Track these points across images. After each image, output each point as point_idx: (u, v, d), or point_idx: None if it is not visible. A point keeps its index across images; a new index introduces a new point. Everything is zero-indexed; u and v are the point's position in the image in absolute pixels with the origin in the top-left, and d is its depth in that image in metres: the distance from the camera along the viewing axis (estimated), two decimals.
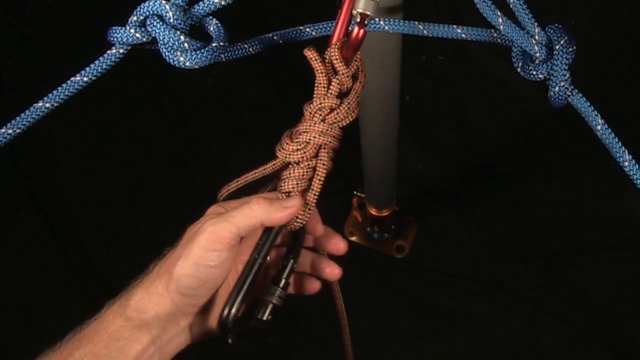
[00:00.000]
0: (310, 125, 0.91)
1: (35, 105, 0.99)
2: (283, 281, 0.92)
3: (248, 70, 2.53)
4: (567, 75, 0.97)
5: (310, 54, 0.91)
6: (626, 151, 1.01)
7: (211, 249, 0.85)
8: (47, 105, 0.99)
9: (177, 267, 0.84)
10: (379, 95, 1.45)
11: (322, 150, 0.92)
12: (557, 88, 0.98)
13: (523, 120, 2.46)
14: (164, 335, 0.87)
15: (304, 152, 0.91)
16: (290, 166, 0.93)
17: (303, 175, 0.92)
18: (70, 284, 2.23)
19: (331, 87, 0.91)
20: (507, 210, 2.33)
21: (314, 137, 0.91)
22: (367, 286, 2.23)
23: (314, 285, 1.02)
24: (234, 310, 0.86)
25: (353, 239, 2.28)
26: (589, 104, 1.00)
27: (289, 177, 0.92)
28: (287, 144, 0.92)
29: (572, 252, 2.26)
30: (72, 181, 2.43)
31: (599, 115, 1.00)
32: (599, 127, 1.00)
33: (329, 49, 0.91)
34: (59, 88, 0.99)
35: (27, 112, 1.00)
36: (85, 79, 0.99)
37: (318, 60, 0.91)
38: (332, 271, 1.00)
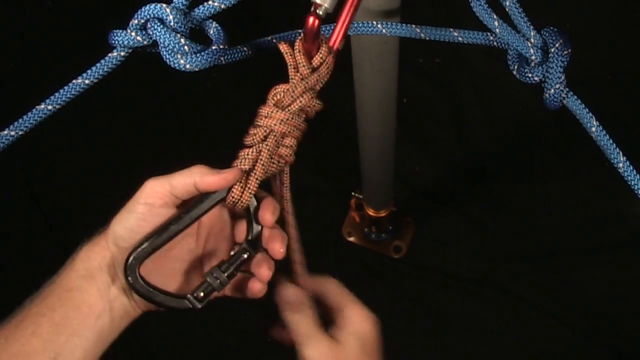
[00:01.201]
0: (268, 112, 0.94)
1: (37, 107, 1.00)
2: (229, 268, 0.91)
3: (247, 73, 2.53)
4: (562, 77, 0.97)
5: (282, 47, 0.93)
6: (620, 153, 1.01)
7: (142, 202, 0.88)
8: (50, 107, 0.99)
9: (114, 219, 0.88)
10: (377, 97, 1.45)
11: (272, 135, 0.93)
12: (552, 90, 0.98)
13: (519, 122, 2.46)
14: (110, 291, 0.88)
15: (255, 136, 0.93)
16: (246, 148, 0.94)
17: (249, 155, 0.94)
18: None
19: (293, 77, 0.94)
20: (503, 211, 2.33)
21: (266, 122, 0.94)
22: (365, 286, 2.23)
23: (253, 286, 0.94)
24: (134, 254, 0.86)
25: (351, 239, 2.29)
26: (583, 106, 1.00)
27: (241, 156, 0.94)
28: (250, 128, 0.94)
29: (568, 253, 2.26)
30: (72, 182, 2.43)
31: (593, 117, 1.00)
32: (593, 129, 1.00)
33: (294, 43, 0.93)
34: (61, 90, 0.99)
35: (29, 114, 1.00)
36: (87, 81, 0.99)
37: (288, 54, 0.93)
38: (261, 271, 0.92)
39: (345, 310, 0.91)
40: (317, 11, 0.88)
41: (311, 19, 0.88)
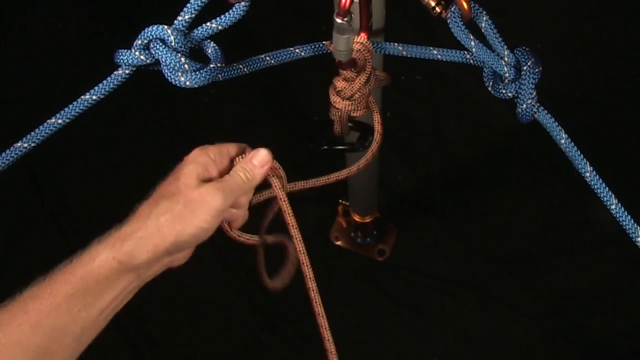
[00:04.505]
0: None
1: (48, 121, 1.00)
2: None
3: (243, 89, 2.53)
4: (534, 93, 0.98)
5: None
6: (587, 163, 1.02)
7: (213, 227, 0.89)
8: (60, 121, 1.00)
9: (177, 230, 0.86)
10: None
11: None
12: (524, 105, 0.99)
13: (494, 135, 2.47)
14: (149, 271, 0.88)
15: None
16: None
17: None
18: None
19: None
20: (480, 217, 2.34)
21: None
22: (351, 286, 2.23)
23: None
24: None
25: (338, 243, 2.29)
26: (553, 119, 1.01)
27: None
28: None
29: (540, 256, 2.26)
30: (82, 192, 2.42)
31: (562, 130, 1.01)
32: (562, 141, 1.01)
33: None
34: (70, 105, 1.00)
35: (40, 127, 1.00)
36: (94, 97, 0.99)
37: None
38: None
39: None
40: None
41: None
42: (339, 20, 0.93)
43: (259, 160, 0.98)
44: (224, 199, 0.89)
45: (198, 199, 0.88)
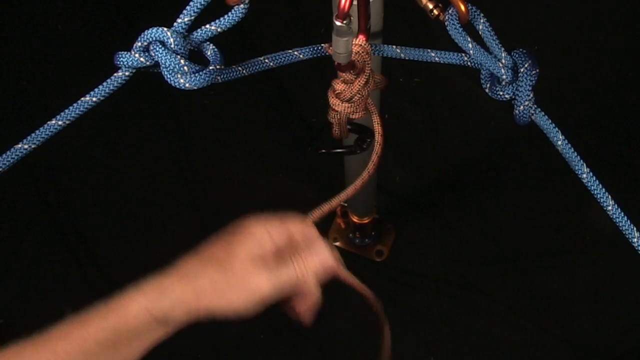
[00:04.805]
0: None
1: (49, 122, 1.00)
2: None
3: (242, 91, 2.53)
4: (531, 95, 0.98)
5: None
6: (584, 164, 1.02)
7: (252, 312, 0.87)
8: (60, 122, 1.00)
9: (214, 303, 0.85)
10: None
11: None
12: (521, 107, 0.99)
13: (491, 137, 2.46)
14: (181, 325, 0.87)
15: None
16: None
17: None
18: (85, 292, 2.22)
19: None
20: (477, 218, 2.34)
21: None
22: (349, 286, 2.22)
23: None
24: None
25: (337, 244, 2.28)
26: (550, 121, 1.01)
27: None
28: None
29: (536, 256, 2.26)
30: (82, 193, 2.41)
31: (559, 131, 1.01)
32: (559, 143, 1.01)
33: None
34: (71, 107, 1.00)
35: (41, 128, 1.00)
36: (94, 99, 0.99)
37: None
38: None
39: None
40: None
41: None
42: (338, 23, 0.93)
43: (322, 261, 0.92)
44: (270, 291, 0.86)
45: (244, 280, 0.85)
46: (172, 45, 0.94)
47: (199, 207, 2.35)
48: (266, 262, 0.87)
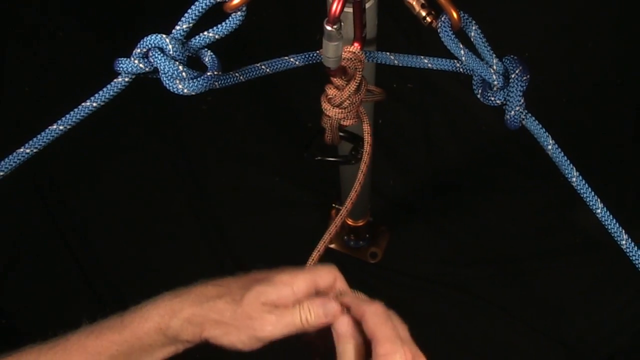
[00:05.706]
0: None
1: (50, 127, 1.00)
2: None
3: (239, 96, 2.53)
4: (522, 100, 0.98)
5: None
6: (574, 168, 1.02)
7: (251, 349, 0.86)
8: (61, 127, 0.99)
9: (216, 334, 0.85)
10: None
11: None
12: (512, 112, 0.99)
13: (482, 141, 2.47)
14: (191, 345, 0.89)
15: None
16: None
17: None
18: (86, 297, 2.21)
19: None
20: (469, 221, 2.34)
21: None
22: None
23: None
24: None
25: (332, 246, 2.28)
26: (540, 126, 1.01)
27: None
28: None
29: (527, 258, 2.26)
30: (83, 197, 2.41)
31: (550, 136, 1.01)
32: (550, 147, 1.01)
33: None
34: (71, 112, 1.00)
35: (43, 133, 1.00)
36: (94, 104, 0.99)
37: None
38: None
39: (377, 347, 0.87)
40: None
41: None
42: (328, 28, 0.93)
43: (326, 311, 0.88)
44: (271, 332, 0.85)
45: (248, 318, 0.83)
46: (171, 52, 0.95)
47: (197, 211, 2.34)
48: (277, 307, 0.86)
